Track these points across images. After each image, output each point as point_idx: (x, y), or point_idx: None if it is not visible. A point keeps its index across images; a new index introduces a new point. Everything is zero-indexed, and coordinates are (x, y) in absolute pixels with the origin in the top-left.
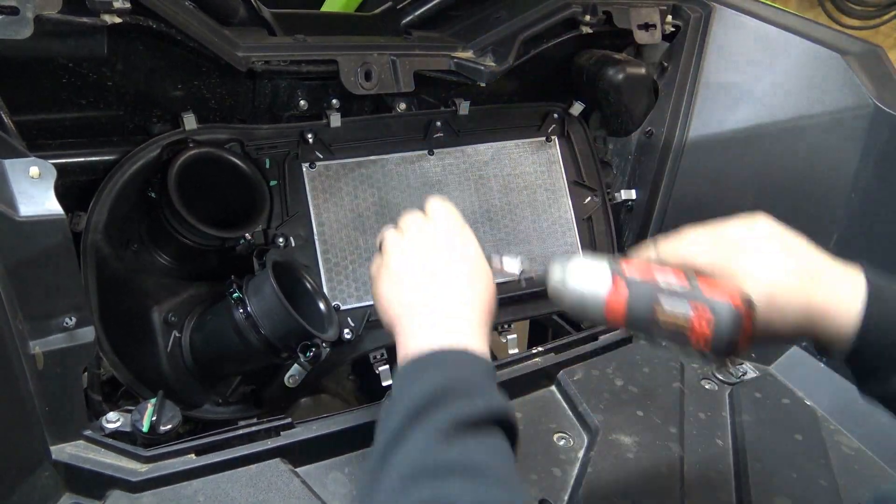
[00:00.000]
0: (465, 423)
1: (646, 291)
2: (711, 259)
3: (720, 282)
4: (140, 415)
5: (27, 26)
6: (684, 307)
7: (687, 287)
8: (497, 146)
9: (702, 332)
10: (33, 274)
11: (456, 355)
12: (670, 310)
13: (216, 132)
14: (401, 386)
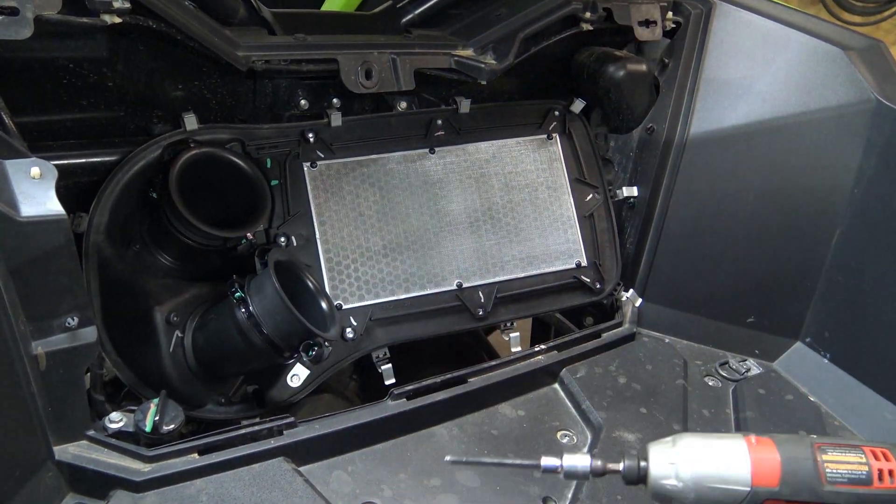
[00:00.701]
0: None
1: (798, 441)
2: None
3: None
4: (143, 415)
5: (27, 27)
6: (855, 451)
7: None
8: (498, 144)
9: (886, 469)
10: (35, 274)
11: None
12: (839, 453)
13: (217, 132)
14: None
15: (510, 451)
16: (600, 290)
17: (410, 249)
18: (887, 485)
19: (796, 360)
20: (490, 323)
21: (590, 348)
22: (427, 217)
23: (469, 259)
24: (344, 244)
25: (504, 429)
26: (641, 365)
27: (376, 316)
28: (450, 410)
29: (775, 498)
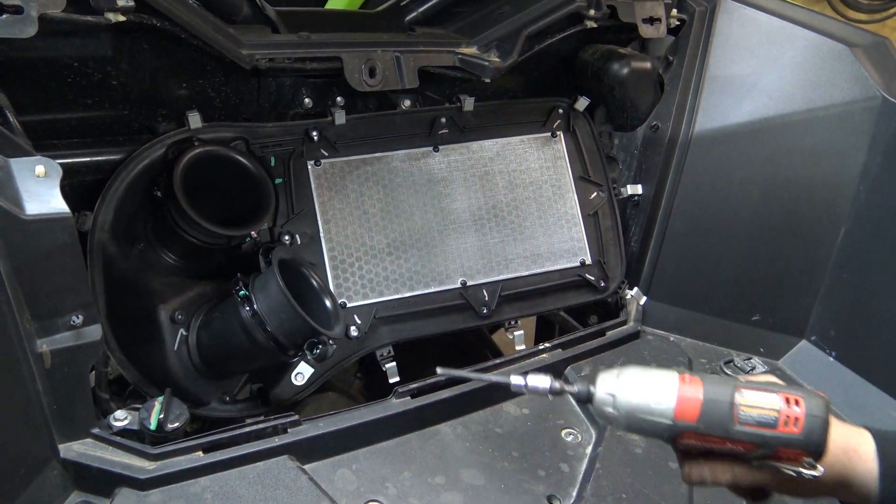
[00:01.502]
0: None
1: (723, 382)
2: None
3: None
4: (148, 413)
5: (31, 25)
6: (771, 395)
7: (769, 383)
8: (502, 142)
9: (793, 416)
10: (40, 273)
11: None
12: (755, 397)
13: (221, 131)
14: None
15: (514, 449)
16: (605, 289)
17: (414, 248)
18: (791, 429)
19: (801, 358)
20: (494, 321)
21: (594, 346)
22: (431, 215)
23: (473, 257)
24: (348, 242)
25: (508, 427)
26: (646, 363)
27: (380, 314)
28: (454, 409)
29: (693, 431)
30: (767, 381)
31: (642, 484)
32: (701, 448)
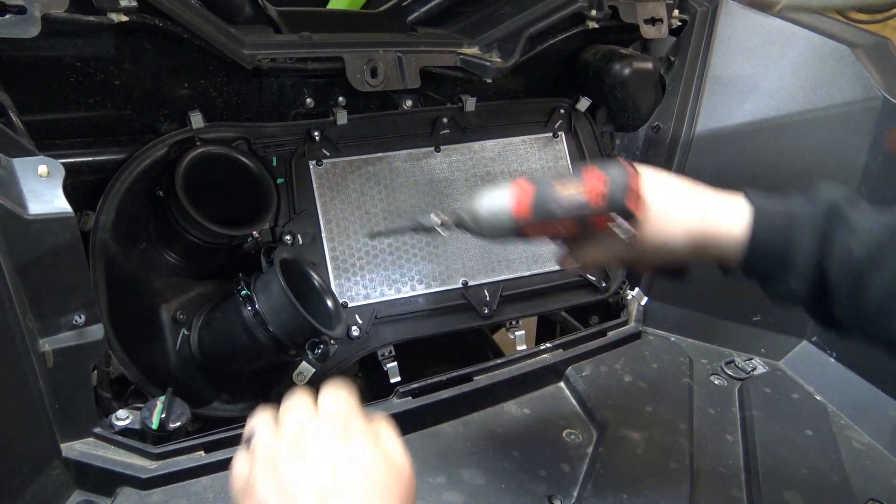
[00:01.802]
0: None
1: (546, 179)
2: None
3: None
4: (149, 412)
5: (34, 25)
6: (578, 176)
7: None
8: (504, 142)
9: (597, 190)
10: (42, 272)
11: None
12: (567, 183)
13: (223, 130)
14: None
15: (516, 449)
16: (605, 289)
17: (416, 247)
18: (599, 201)
19: (802, 358)
20: (495, 321)
21: (595, 347)
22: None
23: (474, 257)
24: (350, 242)
25: (509, 427)
26: (647, 363)
27: (382, 314)
28: (455, 408)
29: (531, 224)
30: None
31: (643, 484)
32: (553, 236)
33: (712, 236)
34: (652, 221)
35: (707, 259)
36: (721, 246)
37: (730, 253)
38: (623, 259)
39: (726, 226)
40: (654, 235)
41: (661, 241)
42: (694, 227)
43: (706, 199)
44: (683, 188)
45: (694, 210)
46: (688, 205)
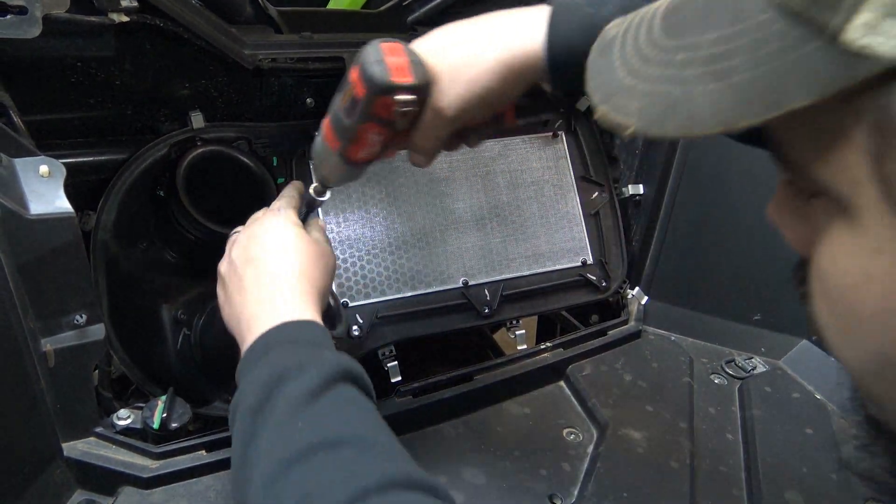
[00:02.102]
0: (306, 401)
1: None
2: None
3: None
4: (150, 412)
5: (35, 25)
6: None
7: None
8: (504, 142)
9: (356, 80)
10: (44, 272)
11: (277, 333)
12: (342, 96)
13: (223, 130)
14: (238, 389)
15: (516, 448)
16: (606, 288)
17: (416, 247)
18: (358, 91)
19: (802, 357)
20: (496, 320)
21: (596, 346)
22: (433, 215)
23: (475, 257)
24: (350, 242)
25: (510, 426)
26: (647, 363)
27: (382, 313)
28: (456, 408)
29: (346, 150)
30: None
31: (643, 483)
32: (378, 147)
33: (519, 62)
34: (447, 76)
35: (527, 87)
36: (529, 67)
37: (537, 71)
38: (452, 130)
39: (527, 45)
40: (459, 87)
41: (470, 89)
42: (500, 60)
43: (502, 26)
44: (470, 28)
45: (489, 45)
46: (481, 43)
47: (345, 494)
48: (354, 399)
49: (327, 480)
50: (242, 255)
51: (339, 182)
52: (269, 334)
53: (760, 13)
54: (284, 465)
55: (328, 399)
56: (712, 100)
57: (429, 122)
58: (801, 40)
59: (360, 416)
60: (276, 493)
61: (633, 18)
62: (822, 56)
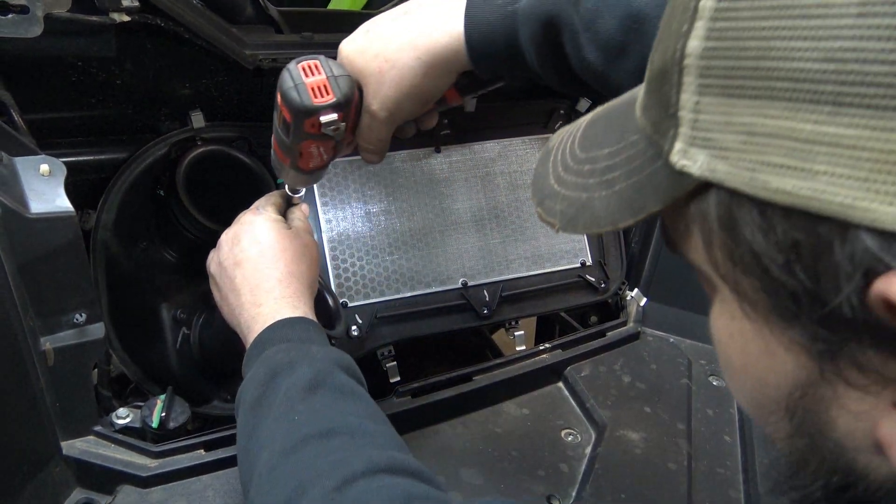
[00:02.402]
0: (299, 395)
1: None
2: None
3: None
4: (149, 411)
5: (37, 25)
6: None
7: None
8: (504, 143)
9: (281, 105)
10: (44, 271)
11: (270, 333)
12: (275, 119)
13: (224, 130)
14: (240, 386)
15: (514, 449)
16: (605, 289)
17: (416, 248)
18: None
19: None
20: (495, 321)
21: (594, 347)
22: (432, 216)
23: (474, 257)
24: (349, 242)
25: (508, 427)
26: (646, 364)
27: (381, 314)
28: (455, 408)
29: (294, 171)
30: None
31: (641, 484)
32: (324, 158)
33: (440, 58)
34: (373, 80)
35: (455, 76)
36: (452, 60)
37: (462, 62)
38: (392, 127)
39: (446, 40)
40: (387, 89)
41: (398, 89)
42: (420, 58)
43: (420, 23)
44: (391, 27)
45: (409, 44)
46: (401, 42)
47: (335, 480)
48: (343, 389)
49: (319, 468)
50: (230, 257)
51: (304, 186)
52: (264, 334)
53: (633, 134)
54: (280, 456)
55: (320, 392)
56: (604, 205)
57: (366, 125)
58: (652, 159)
59: (349, 406)
60: (274, 481)
61: (568, 129)
62: (663, 173)
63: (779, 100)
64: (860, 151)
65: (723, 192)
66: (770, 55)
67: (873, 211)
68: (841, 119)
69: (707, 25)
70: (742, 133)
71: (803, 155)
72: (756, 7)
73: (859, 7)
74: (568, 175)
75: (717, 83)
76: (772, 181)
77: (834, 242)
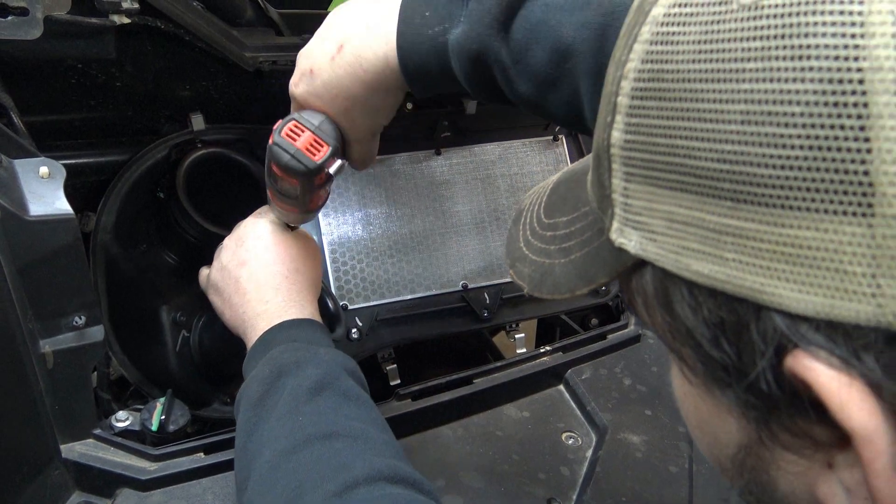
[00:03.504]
0: (305, 396)
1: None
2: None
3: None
4: (149, 414)
5: (37, 27)
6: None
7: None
8: (504, 145)
9: (284, 176)
10: (43, 273)
11: (277, 332)
12: (274, 181)
13: (224, 132)
14: (243, 384)
15: (515, 452)
16: (605, 292)
17: (416, 250)
18: (296, 183)
19: None
20: (495, 324)
21: (595, 350)
22: (433, 218)
23: (475, 260)
24: (350, 244)
25: (509, 430)
26: (647, 367)
27: (381, 316)
28: (455, 411)
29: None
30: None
31: (642, 488)
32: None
33: (386, 85)
34: (340, 117)
35: (404, 90)
36: (397, 85)
37: (400, 83)
38: (377, 140)
39: (387, 72)
40: (355, 120)
41: (364, 118)
42: (370, 89)
43: (359, 58)
44: (331, 67)
45: (355, 81)
46: (346, 81)
47: (336, 484)
48: (349, 393)
49: (320, 470)
50: (234, 258)
51: (311, 220)
52: (271, 333)
53: (585, 205)
54: (282, 455)
55: (325, 395)
56: (563, 272)
57: (355, 150)
58: (599, 233)
59: (354, 411)
60: (274, 480)
61: (538, 190)
62: (607, 247)
63: (689, 192)
64: (759, 242)
65: (657, 270)
66: (676, 152)
67: (779, 295)
68: (739, 213)
69: (624, 120)
70: (664, 219)
71: (714, 243)
72: (662, 108)
73: (743, 115)
74: (534, 239)
75: (639, 172)
76: (692, 264)
77: (750, 322)
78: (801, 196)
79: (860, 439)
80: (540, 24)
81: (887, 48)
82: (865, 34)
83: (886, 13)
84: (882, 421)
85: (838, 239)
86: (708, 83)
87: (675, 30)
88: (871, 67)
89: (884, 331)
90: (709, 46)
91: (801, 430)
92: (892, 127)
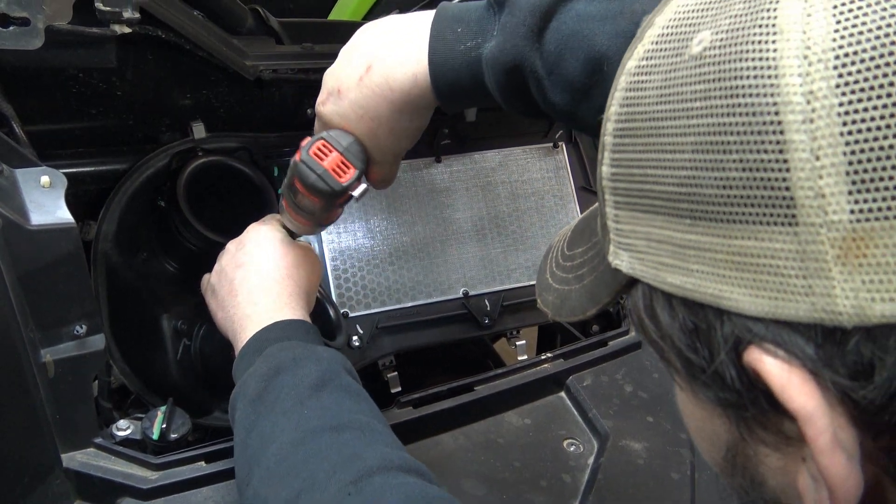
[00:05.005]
0: (308, 391)
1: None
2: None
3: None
4: (150, 422)
5: (38, 37)
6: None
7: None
8: (504, 152)
9: (308, 194)
10: (44, 282)
11: (270, 332)
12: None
13: (225, 141)
14: (237, 384)
15: (516, 460)
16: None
17: (417, 258)
18: (321, 203)
19: None
20: (496, 331)
21: (596, 356)
22: (433, 225)
23: (475, 267)
24: (350, 252)
25: (510, 437)
26: (648, 373)
27: (382, 324)
28: (456, 418)
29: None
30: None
31: (644, 494)
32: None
33: (414, 106)
34: (367, 139)
35: (431, 110)
36: (427, 104)
37: (428, 100)
38: (399, 162)
39: (416, 92)
40: (382, 142)
41: (391, 140)
42: (401, 110)
43: (388, 78)
44: (361, 90)
45: (384, 101)
46: (376, 101)
47: (350, 473)
48: (350, 389)
49: (332, 460)
50: (232, 262)
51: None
52: (263, 333)
53: (596, 236)
54: (290, 447)
55: (327, 390)
56: (577, 296)
57: (377, 172)
58: (603, 258)
59: (357, 405)
60: (284, 472)
61: (566, 229)
62: (608, 270)
63: (659, 214)
64: (715, 254)
65: (644, 286)
66: (647, 180)
67: (735, 300)
68: (697, 229)
69: (609, 156)
70: (645, 239)
71: (681, 256)
72: (635, 143)
73: (693, 146)
74: (558, 270)
75: (624, 200)
76: (668, 277)
77: (716, 325)
78: (741, 211)
79: (802, 419)
80: (573, 35)
81: (794, 85)
82: (779, 75)
83: (793, 57)
84: (822, 402)
85: (773, 247)
86: (667, 121)
87: (644, 78)
88: (783, 102)
89: (820, 326)
90: (667, 90)
91: (773, 426)
92: (803, 149)
